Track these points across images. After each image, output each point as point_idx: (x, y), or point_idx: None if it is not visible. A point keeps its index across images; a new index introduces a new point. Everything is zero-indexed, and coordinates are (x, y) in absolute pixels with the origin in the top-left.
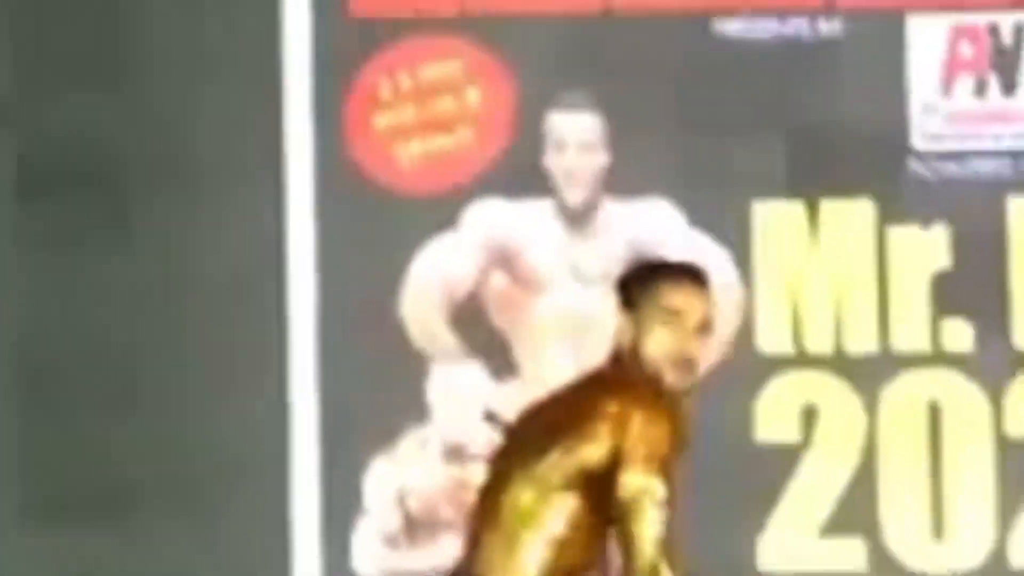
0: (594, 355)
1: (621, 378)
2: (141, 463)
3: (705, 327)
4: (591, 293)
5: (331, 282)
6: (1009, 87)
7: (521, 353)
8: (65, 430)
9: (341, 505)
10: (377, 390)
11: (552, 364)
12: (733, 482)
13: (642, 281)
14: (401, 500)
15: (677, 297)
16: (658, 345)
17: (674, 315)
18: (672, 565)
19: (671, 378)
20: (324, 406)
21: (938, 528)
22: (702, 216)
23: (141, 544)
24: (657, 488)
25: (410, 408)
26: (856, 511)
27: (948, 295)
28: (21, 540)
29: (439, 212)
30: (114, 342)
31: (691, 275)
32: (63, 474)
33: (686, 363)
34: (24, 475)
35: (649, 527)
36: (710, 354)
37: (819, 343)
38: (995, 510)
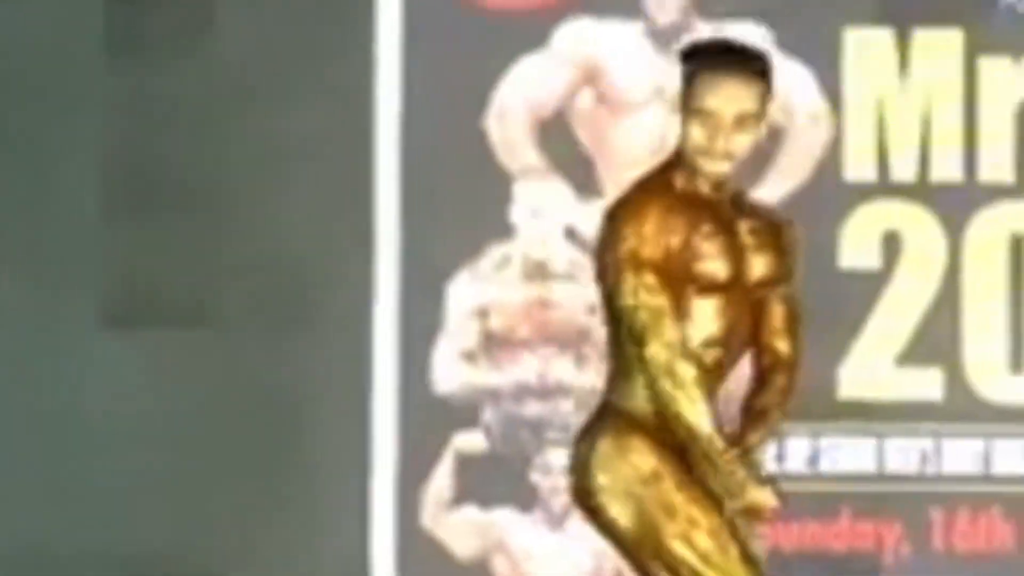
0: None
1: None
2: (223, 274)
3: (744, 121)
4: (677, 114)
5: (418, 98)
6: None
7: (605, 172)
8: (147, 237)
9: (421, 321)
10: (461, 207)
11: None
12: (815, 309)
13: (688, 66)
14: (482, 316)
15: (710, 95)
16: (692, 137)
17: (707, 113)
18: None
19: (703, 166)
20: (407, 223)
21: (1017, 361)
22: (792, 41)
23: (221, 352)
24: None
25: (493, 225)
26: (935, 341)
27: None
28: (102, 344)
29: (529, 30)
30: (200, 151)
31: (735, 64)
32: (143, 281)
33: (720, 155)
34: (105, 281)
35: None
36: (756, 140)
37: (904, 171)
38: None
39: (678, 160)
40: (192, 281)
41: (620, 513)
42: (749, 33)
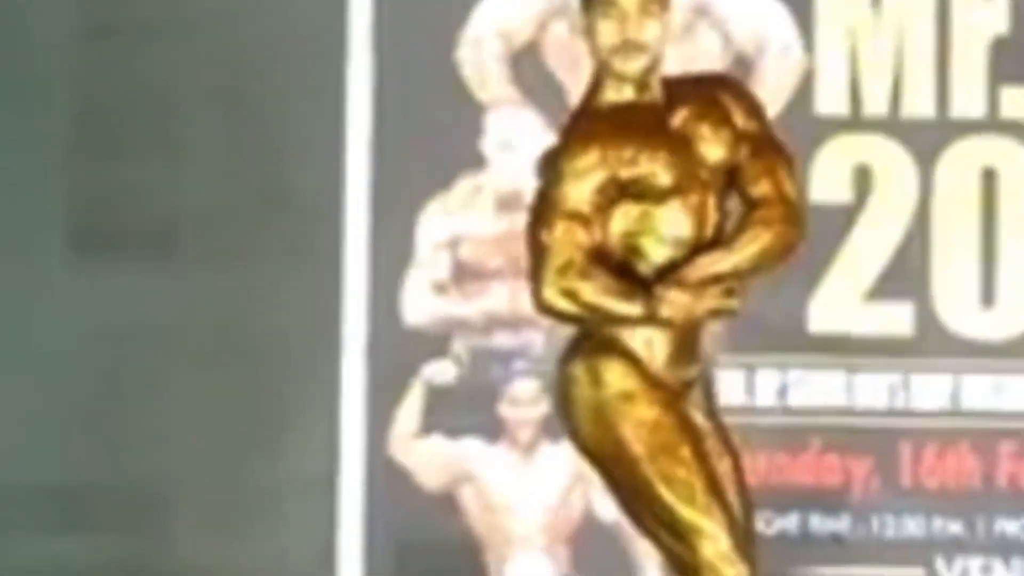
0: None
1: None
2: (189, 204)
3: (650, 6)
4: None
5: (389, 27)
6: None
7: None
8: (113, 167)
9: (392, 252)
10: (432, 137)
11: None
12: None
13: None
14: (453, 247)
15: None
16: (599, 36)
17: (610, 4)
18: None
19: (618, 65)
20: (378, 154)
21: (988, 295)
22: None
23: (187, 284)
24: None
25: (465, 156)
26: (906, 276)
27: (1007, 62)
28: (67, 275)
29: None
30: (163, 84)
31: None
32: (109, 211)
33: (630, 46)
34: (71, 211)
35: None
36: (671, 32)
37: (876, 105)
38: None
39: (600, 80)
40: (159, 211)
41: (594, 432)
42: None
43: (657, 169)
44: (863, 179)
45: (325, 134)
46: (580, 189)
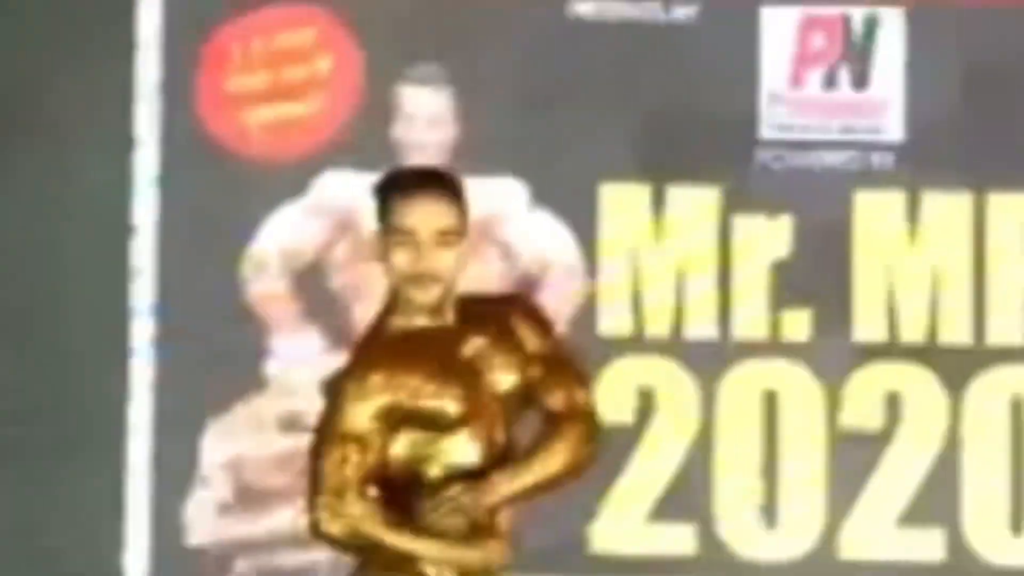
0: None
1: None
2: None
3: (445, 238)
4: None
5: (174, 245)
6: (860, 80)
7: (362, 323)
8: None
9: (175, 474)
10: (216, 357)
11: None
12: None
13: (381, 197)
14: (235, 468)
15: (407, 214)
16: (395, 264)
17: (406, 233)
18: None
19: (413, 294)
20: (161, 373)
21: (771, 518)
22: (548, 194)
23: None
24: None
25: (248, 377)
26: (689, 496)
27: (789, 285)
28: None
29: (288, 180)
30: None
31: (427, 185)
32: None
33: (426, 277)
34: None
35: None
36: (465, 262)
37: (659, 327)
38: (825, 501)
39: (390, 306)
40: None
41: None
42: (506, 187)
43: (445, 401)
44: (646, 400)
45: (109, 354)
46: (360, 412)
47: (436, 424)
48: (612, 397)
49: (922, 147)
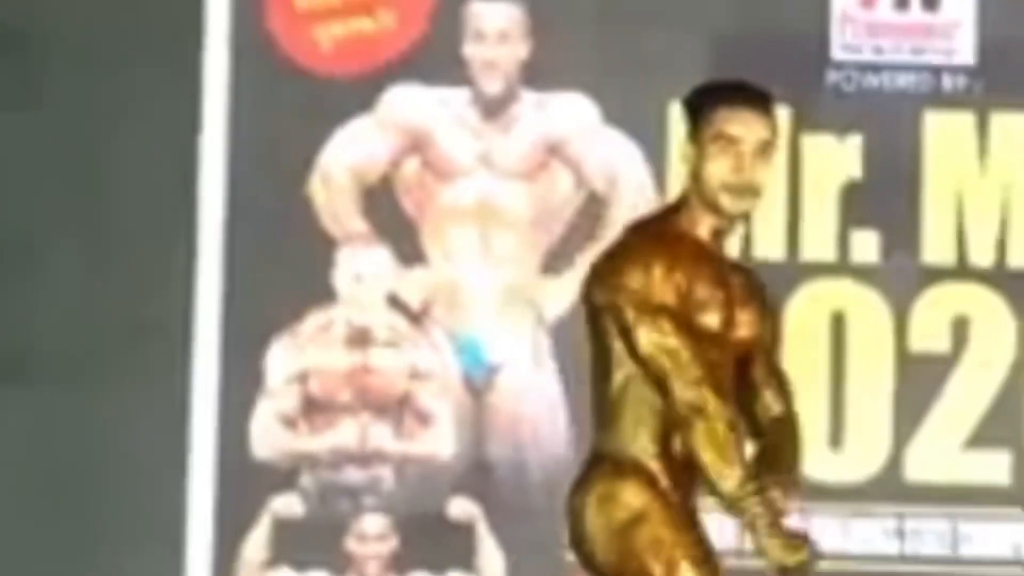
0: (501, 246)
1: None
2: (40, 330)
3: (764, 150)
4: (502, 183)
5: (243, 160)
6: (931, 2)
7: (429, 240)
8: None
9: (241, 385)
10: (284, 270)
11: (459, 252)
12: None
13: (700, 107)
14: (302, 381)
15: (732, 123)
16: (714, 172)
17: (730, 141)
18: None
19: (727, 204)
20: (229, 285)
21: (837, 439)
22: (618, 114)
23: (36, 408)
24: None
25: (316, 290)
26: None
27: (858, 207)
28: None
29: (356, 94)
30: (18, 207)
31: (750, 98)
32: None
33: (744, 188)
34: None
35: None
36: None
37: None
38: (892, 423)
39: (681, 206)
40: (6, 336)
41: (608, 556)
42: (575, 104)
43: (712, 315)
44: None
45: (177, 265)
46: (661, 286)
47: (698, 334)
48: None
49: (993, 69)
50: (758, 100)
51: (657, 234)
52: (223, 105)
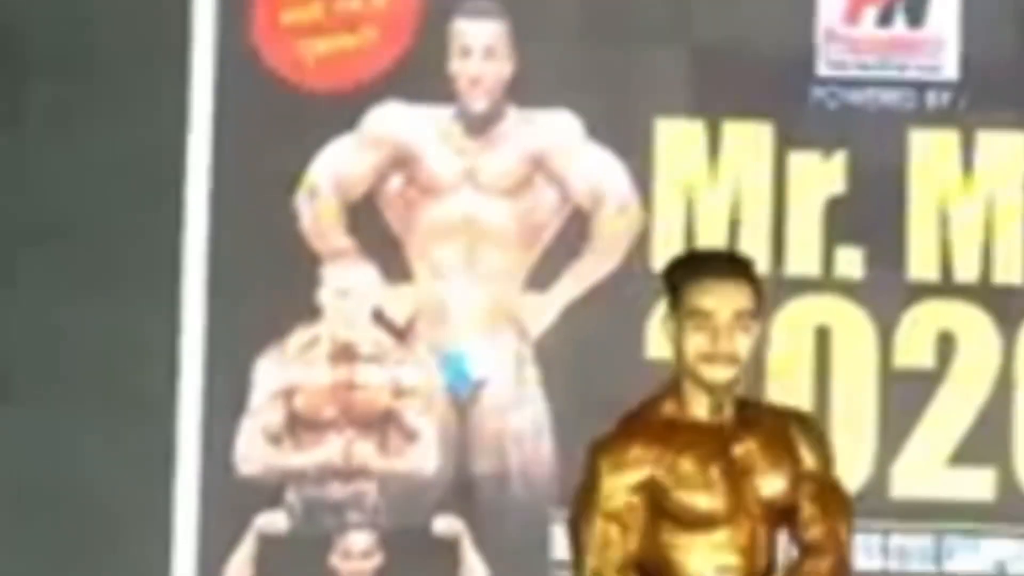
0: (486, 261)
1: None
2: (23, 349)
3: (740, 319)
4: (487, 200)
5: (228, 176)
6: (916, 18)
7: (414, 256)
8: None
9: (225, 401)
10: (268, 287)
11: (444, 269)
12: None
13: (677, 282)
14: (287, 397)
15: (706, 297)
16: (691, 346)
17: (705, 316)
18: None
19: (706, 374)
20: (213, 301)
21: None
22: (602, 129)
23: (19, 429)
24: None
25: (301, 306)
26: None
27: (843, 222)
28: None
29: (340, 111)
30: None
31: (725, 268)
32: None
33: (722, 357)
34: None
35: None
36: (752, 338)
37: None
38: (877, 439)
39: (670, 391)
40: None
41: None
42: (561, 121)
43: (704, 493)
44: None
45: (161, 280)
46: (618, 485)
47: (694, 518)
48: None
49: (977, 86)
50: (734, 269)
51: (638, 421)
52: (208, 121)
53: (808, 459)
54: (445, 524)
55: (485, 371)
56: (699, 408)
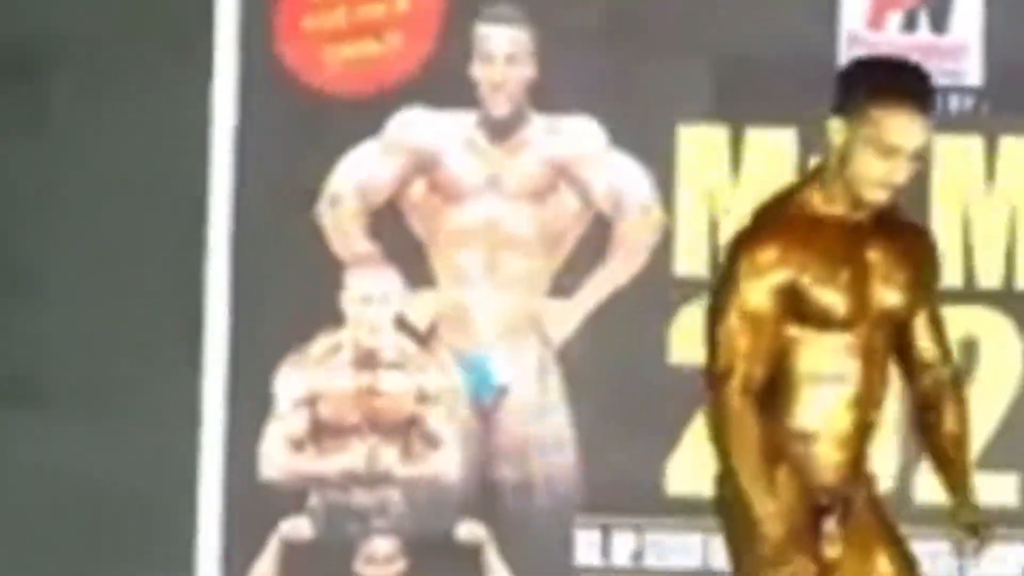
0: (509, 268)
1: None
2: (47, 355)
3: (918, 155)
4: (510, 206)
5: (251, 183)
6: (939, 24)
7: (437, 262)
8: None
9: (249, 408)
10: (292, 293)
11: (467, 275)
12: (642, 405)
13: (863, 93)
14: (310, 404)
15: (895, 132)
16: (866, 170)
17: (890, 150)
18: None
19: (870, 196)
20: (237, 307)
21: None
22: (625, 136)
23: (43, 433)
24: None
25: (324, 312)
26: None
27: None
28: None
29: (364, 117)
30: (27, 232)
31: (914, 97)
32: None
33: (891, 186)
34: None
35: None
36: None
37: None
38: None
39: (813, 181)
40: (16, 361)
41: None
42: (583, 127)
43: (835, 292)
44: None
45: (185, 287)
46: (757, 289)
47: (820, 317)
48: (688, 338)
49: (1001, 91)
50: (922, 99)
51: (777, 215)
52: (231, 127)
53: (930, 276)
54: (468, 530)
55: (508, 377)
56: (843, 205)
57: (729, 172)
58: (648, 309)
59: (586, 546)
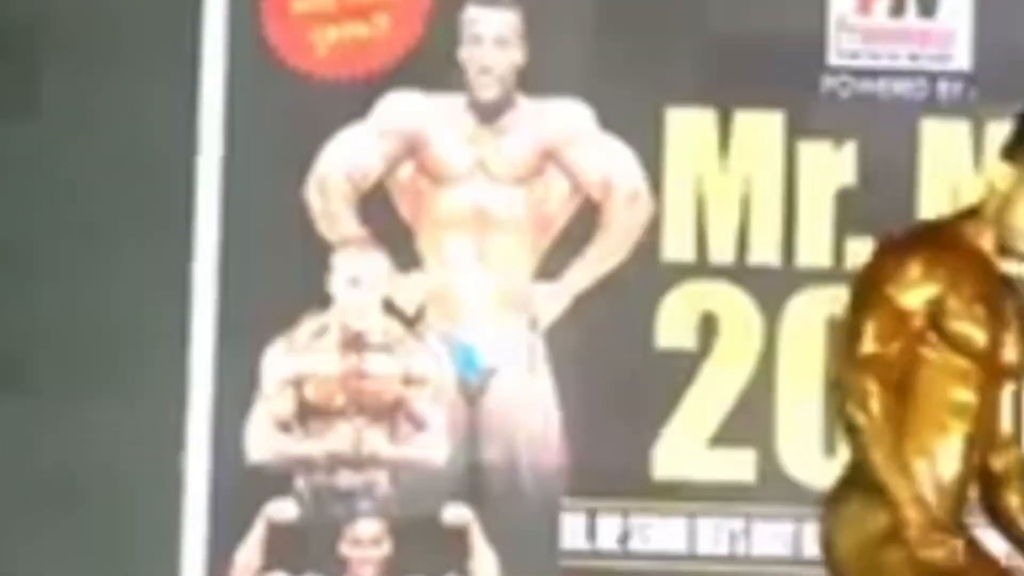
0: (497, 251)
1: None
2: (35, 337)
3: None
4: (498, 189)
5: (239, 165)
6: (927, 8)
7: (425, 245)
8: None
9: (236, 390)
10: (279, 275)
11: (455, 257)
12: (630, 389)
13: None
14: (297, 385)
15: None
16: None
17: None
18: None
19: (1021, 247)
20: (224, 290)
21: (830, 444)
22: (614, 118)
23: (31, 415)
24: None
25: (311, 295)
26: (749, 423)
27: (853, 213)
28: None
29: (351, 99)
30: (15, 214)
31: None
32: None
33: None
34: None
35: None
36: None
37: (722, 253)
38: None
39: (974, 215)
40: (1, 343)
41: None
42: (571, 110)
43: (977, 330)
44: (709, 326)
45: (173, 270)
46: (911, 294)
47: (956, 343)
48: (674, 322)
49: (989, 76)
50: None
51: (933, 234)
52: (219, 110)
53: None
54: (454, 513)
55: (495, 360)
56: (987, 242)
57: (718, 156)
58: (636, 293)
59: (572, 529)
